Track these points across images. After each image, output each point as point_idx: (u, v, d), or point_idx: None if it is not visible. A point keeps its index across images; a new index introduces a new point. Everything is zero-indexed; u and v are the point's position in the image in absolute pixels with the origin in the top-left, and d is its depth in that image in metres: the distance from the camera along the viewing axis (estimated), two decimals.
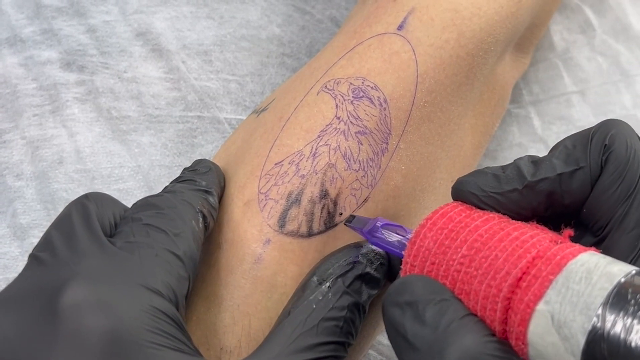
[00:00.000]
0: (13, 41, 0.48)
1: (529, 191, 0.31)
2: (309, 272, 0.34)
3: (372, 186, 0.37)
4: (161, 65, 0.48)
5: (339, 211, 0.36)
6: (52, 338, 0.27)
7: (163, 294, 0.29)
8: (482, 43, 0.39)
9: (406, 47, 0.38)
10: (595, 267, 0.26)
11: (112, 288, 0.29)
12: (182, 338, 0.29)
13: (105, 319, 0.27)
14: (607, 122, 0.31)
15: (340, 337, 0.31)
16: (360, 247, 0.34)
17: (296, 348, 0.30)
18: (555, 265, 0.26)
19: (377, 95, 0.37)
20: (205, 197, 0.35)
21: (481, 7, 0.39)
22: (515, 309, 0.26)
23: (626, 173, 0.30)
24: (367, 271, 0.33)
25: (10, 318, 0.28)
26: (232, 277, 0.35)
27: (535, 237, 0.28)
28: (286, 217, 0.36)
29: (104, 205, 0.32)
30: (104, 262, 0.30)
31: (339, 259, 0.33)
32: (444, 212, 0.31)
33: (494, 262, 0.28)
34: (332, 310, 0.31)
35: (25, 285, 0.29)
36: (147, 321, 0.28)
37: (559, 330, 0.25)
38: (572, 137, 0.32)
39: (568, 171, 0.31)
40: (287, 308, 0.32)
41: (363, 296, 0.33)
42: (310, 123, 0.37)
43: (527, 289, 0.26)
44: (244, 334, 0.35)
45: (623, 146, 0.30)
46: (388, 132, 0.37)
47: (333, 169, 0.36)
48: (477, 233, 0.29)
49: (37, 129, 0.46)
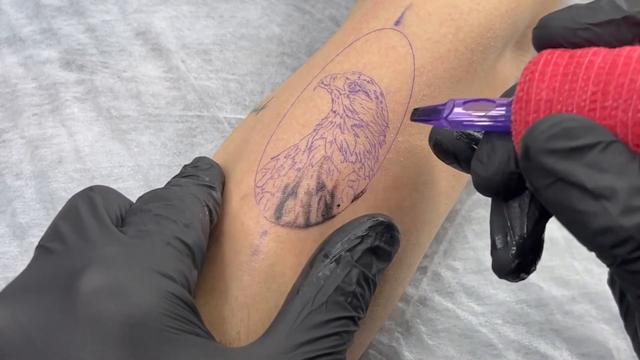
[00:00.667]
0: (12, 40, 0.48)
1: (627, 23, 0.28)
2: (317, 248, 0.34)
3: (370, 177, 0.37)
4: (161, 64, 0.48)
5: (336, 203, 0.36)
6: (71, 325, 0.27)
7: (177, 280, 0.30)
8: (481, 38, 0.39)
9: (403, 41, 0.38)
10: None
11: (129, 274, 0.29)
12: (197, 322, 0.29)
13: (124, 305, 0.28)
14: None
15: (350, 312, 0.31)
16: (367, 219, 0.34)
17: (307, 326, 0.30)
18: None
19: (373, 89, 0.37)
20: (209, 192, 0.35)
21: (480, 2, 0.39)
22: None
23: None
24: (377, 244, 0.33)
25: (24, 307, 0.28)
26: (230, 270, 0.35)
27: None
28: (283, 209, 0.36)
29: (109, 198, 0.33)
30: (117, 249, 0.30)
31: (347, 233, 0.33)
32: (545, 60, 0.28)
33: (632, 85, 0.25)
34: (341, 285, 0.32)
35: (38, 275, 0.29)
36: (164, 306, 0.28)
37: None
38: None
39: None
40: (295, 286, 0.32)
41: (373, 269, 0.33)
42: (306, 117, 0.37)
43: None
44: (242, 326, 0.35)
45: None
46: (385, 124, 0.37)
47: (329, 162, 0.36)
48: (597, 66, 0.26)
49: (37, 129, 0.46)
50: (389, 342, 0.43)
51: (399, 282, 0.39)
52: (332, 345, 0.31)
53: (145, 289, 0.28)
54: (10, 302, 0.28)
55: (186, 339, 0.28)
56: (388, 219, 0.34)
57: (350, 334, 0.32)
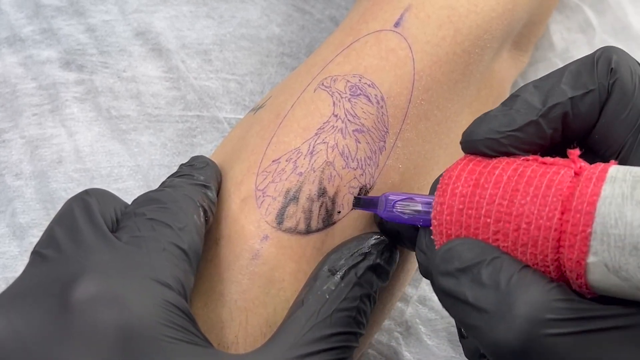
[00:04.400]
0: (12, 40, 0.48)
1: (545, 120, 0.30)
2: (319, 263, 0.34)
3: (370, 184, 0.37)
4: (160, 64, 0.48)
5: (337, 209, 0.36)
6: (66, 333, 0.27)
7: (173, 288, 0.30)
8: (478, 40, 0.39)
9: (403, 44, 0.38)
10: (623, 201, 0.25)
11: (124, 282, 0.29)
12: (194, 331, 0.29)
13: (119, 313, 0.27)
14: (608, 48, 0.31)
15: (353, 327, 0.32)
16: (370, 237, 0.34)
17: (311, 338, 0.30)
18: (587, 215, 0.26)
19: (374, 93, 0.37)
20: (204, 192, 0.35)
21: (477, 4, 0.39)
22: (567, 267, 0.26)
23: (634, 99, 0.30)
24: (378, 262, 0.34)
25: (19, 314, 0.28)
26: (230, 273, 0.35)
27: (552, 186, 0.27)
28: (284, 214, 0.36)
29: (104, 201, 0.33)
30: (112, 256, 0.30)
31: (350, 250, 0.34)
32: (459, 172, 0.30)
33: (527, 231, 0.27)
34: (344, 300, 0.32)
35: (32, 282, 0.29)
36: (161, 315, 0.28)
37: (617, 274, 0.25)
38: (575, 63, 0.31)
39: (578, 94, 0.30)
40: (299, 298, 0.33)
41: (374, 286, 0.33)
42: (308, 120, 0.37)
43: (571, 249, 0.26)
44: (241, 330, 0.35)
45: (627, 71, 0.30)
46: (385, 130, 0.37)
47: (331, 167, 0.36)
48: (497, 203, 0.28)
49: (37, 129, 0.46)
50: (388, 342, 0.43)
51: (397, 287, 0.39)
52: (335, 359, 0.31)
53: (140, 298, 0.28)
54: (6, 310, 0.28)
55: (183, 347, 0.28)
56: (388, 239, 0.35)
57: (351, 349, 0.32)
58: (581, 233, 0.26)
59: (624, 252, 0.25)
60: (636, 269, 0.25)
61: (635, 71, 0.31)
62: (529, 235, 0.27)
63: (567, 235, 0.26)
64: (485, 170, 0.30)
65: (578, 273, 0.26)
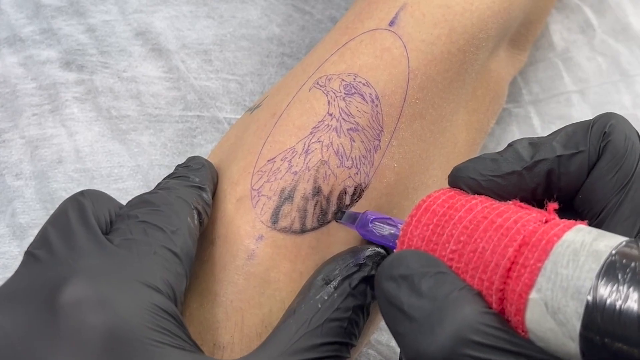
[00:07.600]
0: (12, 40, 0.48)
1: (528, 173, 0.31)
2: (314, 272, 0.34)
3: (365, 183, 0.37)
4: (161, 64, 0.48)
5: (332, 208, 0.36)
6: (53, 335, 0.27)
7: (162, 291, 0.30)
8: (473, 39, 0.39)
9: (397, 43, 0.38)
10: (581, 247, 0.25)
11: (112, 285, 0.29)
12: (182, 335, 0.29)
13: (106, 316, 0.27)
14: (607, 114, 0.32)
15: (344, 338, 0.31)
16: (366, 249, 0.34)
17: (301, 347, 0.30)
18: (542, 251, 0.26)
19: (368, 92, 0.37)
20: (199, 194, 0.35)
21: (473, 2, 0.39)
22: (509, 300, 0.27)
23: (623, 162, 0.30)
24: (373, 274, 0.33)
25: (8, 315, 0.28)
26: (225, 273, 0.35)
27: (520, 222, 0.28)
28: (279, 214, 0.36)
29: (99, 202, 0.32)
30: (102, 259, 0.30)
31: (345, 260, 0.33)
32: (427, 206, 0.31)
33: (482, 255, 0.28)
34: (337, 310, 0.32)
35: (23, 283, 0.29)
36: (148, 319, 0.28)
37: (554, 317, 0.25)
38: (574, 125, 0.32)
39: (567, 154, 0.31)
40: (292, 306, 0.32)
41: (367, 298, 0.33)
42: (303, 120, 0.37)
43: (517, 280, 0.26)
44: (237, 330, 0.35)
45: (621, 136, 0.31)
46: (380, 129, 0.37)
47: (326, 166, 0.36)
48: (462, 225, 0.29)
49: (37, 129, 0.46)
50: (387, 342, 0.43)
51: None
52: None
53: (128, 301, 0.28)
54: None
55: (169, 352, 0.28)
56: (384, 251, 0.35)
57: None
58: (531, 266, 0.26)
59: (566, 293, 0.25)
60: (573, 314, 0.24)
61: (629, 136, 0.31)
62: (482, 259, 0.28)
63: (517, 266, 0.26)
64: (463, 198, 0.31)
65: (518, 307, 0.26)
